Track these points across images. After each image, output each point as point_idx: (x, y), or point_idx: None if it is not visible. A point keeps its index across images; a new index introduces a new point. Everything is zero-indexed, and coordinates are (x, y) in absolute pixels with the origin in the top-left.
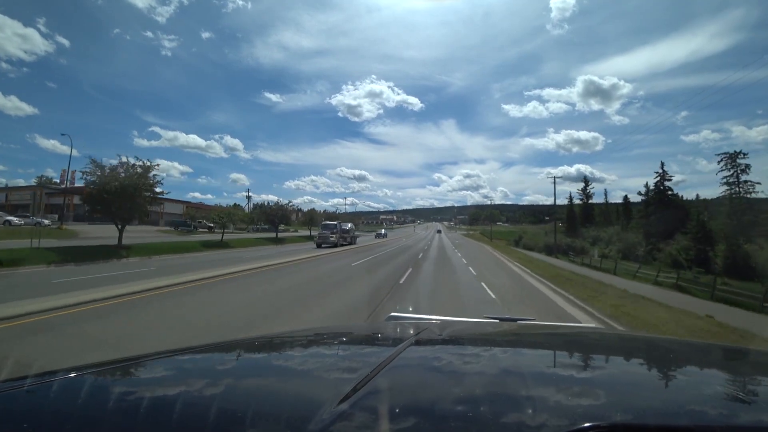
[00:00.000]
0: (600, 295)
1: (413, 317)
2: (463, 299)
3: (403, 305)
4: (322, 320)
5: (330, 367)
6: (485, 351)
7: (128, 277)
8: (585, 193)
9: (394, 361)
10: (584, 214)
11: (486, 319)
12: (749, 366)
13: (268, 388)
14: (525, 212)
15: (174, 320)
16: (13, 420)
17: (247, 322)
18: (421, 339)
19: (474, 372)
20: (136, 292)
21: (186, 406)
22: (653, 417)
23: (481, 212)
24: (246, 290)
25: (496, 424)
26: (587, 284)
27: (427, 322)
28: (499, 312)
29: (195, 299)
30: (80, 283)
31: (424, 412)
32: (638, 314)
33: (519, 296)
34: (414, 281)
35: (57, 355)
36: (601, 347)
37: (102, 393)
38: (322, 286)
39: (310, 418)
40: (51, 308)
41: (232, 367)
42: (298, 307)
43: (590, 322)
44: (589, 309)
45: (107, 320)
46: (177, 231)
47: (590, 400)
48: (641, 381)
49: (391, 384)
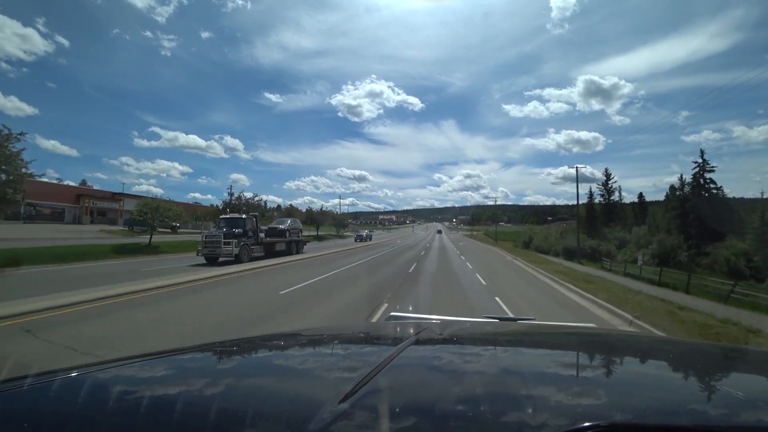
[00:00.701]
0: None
1: (413, 317)
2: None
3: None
4: None
5: (330, 367)
6: (485, 350)
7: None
8: (606, 188)
9: (395, 360)
10: (606, 213)
11: (486, 319)
12: (749, 366)
13: (268, 388)
14: (525, 212)
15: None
16: (13, 420)
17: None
18: (422, 338)
19: (474, 371)
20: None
21: (186, 406)
22: (653, 416)
23: (483, 212)
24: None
25: (497, 423)
26: (725, 330)
27: (428, 322)
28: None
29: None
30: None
31: (425, 411)
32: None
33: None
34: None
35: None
36: (600, 347)
37: (102, 393)
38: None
39: (311, 417)
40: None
41: (233, 366)
42: None
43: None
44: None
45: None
46: (132, 231)
47: (590, 400)
48: (641, 381)
49: (391, 383)
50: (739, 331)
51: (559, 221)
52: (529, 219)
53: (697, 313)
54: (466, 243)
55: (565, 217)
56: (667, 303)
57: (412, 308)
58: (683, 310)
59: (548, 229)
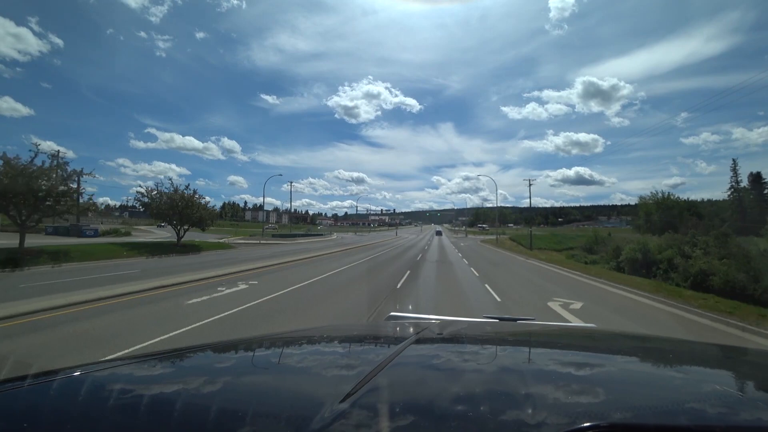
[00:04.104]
0: None
1: (413, 317)
2: None
3: None
4: None
5: (331, 366)
6: (485, 350)
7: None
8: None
9: (395, 359)
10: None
11: (486, 319)
12: (748, 365)
13: (269, 387)
14: (527, 215)
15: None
16: (13, 420)
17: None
18: (422, 338)
19: (474, 371)
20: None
21: (187, 406)
22: (652, 416)
23: (489, 212)
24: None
25: (496, 423)
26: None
27: (427, 322)
28: None
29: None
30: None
31: (425, 410)
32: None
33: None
34: None
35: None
36: (600, 347)
37: (102, 392)
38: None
39: (312, 416)
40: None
41: (233, 366)
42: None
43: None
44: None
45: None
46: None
47: (589, 400)
48: (640, 380)
49: (391, 383)
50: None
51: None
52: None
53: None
54: (496, 257)
55: (577, 218)
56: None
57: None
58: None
59: (596, 231)
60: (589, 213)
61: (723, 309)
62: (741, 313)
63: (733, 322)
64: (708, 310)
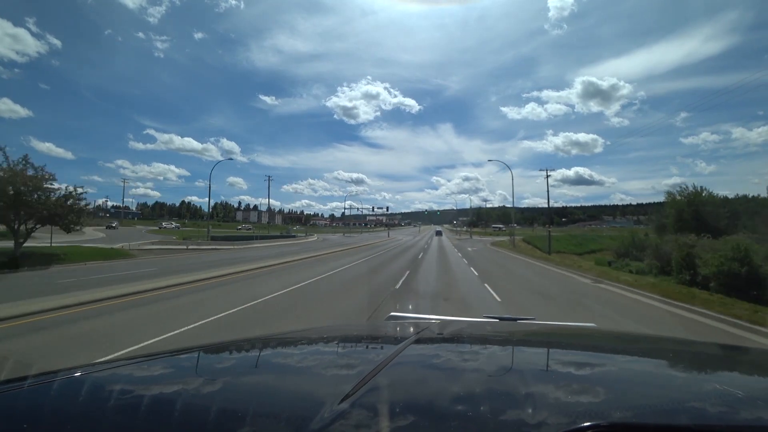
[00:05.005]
0: None
1: (413, 317)
2: None
3: None
4: None
5: (331, 366)
6: (485, 350)
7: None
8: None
9: (395, 359)
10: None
11: (486, 319)
12: (748, 365)
13: (269, 387)
14: (528, 215)
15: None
16: (13, 420)
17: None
18: (422, 338)
19: (474, 371)
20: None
21: (186, 406)
22: (652, 416)
23: (492, 212)
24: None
25: (496, 422)
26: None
27: (427, 322)
28: None
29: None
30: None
31: (425, 410)
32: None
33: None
34: None
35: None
36: (600, 346)
37: (102, 393)
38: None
39: (312, 416)
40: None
41: (233, 366)
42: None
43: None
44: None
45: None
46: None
47: (589, 399)
48: (640, 380)
49: (391, 382)
50: None
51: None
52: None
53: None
54: (528, 274)
55: (582, 218)
56: None
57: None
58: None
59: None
60: (591, 213)
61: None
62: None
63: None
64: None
